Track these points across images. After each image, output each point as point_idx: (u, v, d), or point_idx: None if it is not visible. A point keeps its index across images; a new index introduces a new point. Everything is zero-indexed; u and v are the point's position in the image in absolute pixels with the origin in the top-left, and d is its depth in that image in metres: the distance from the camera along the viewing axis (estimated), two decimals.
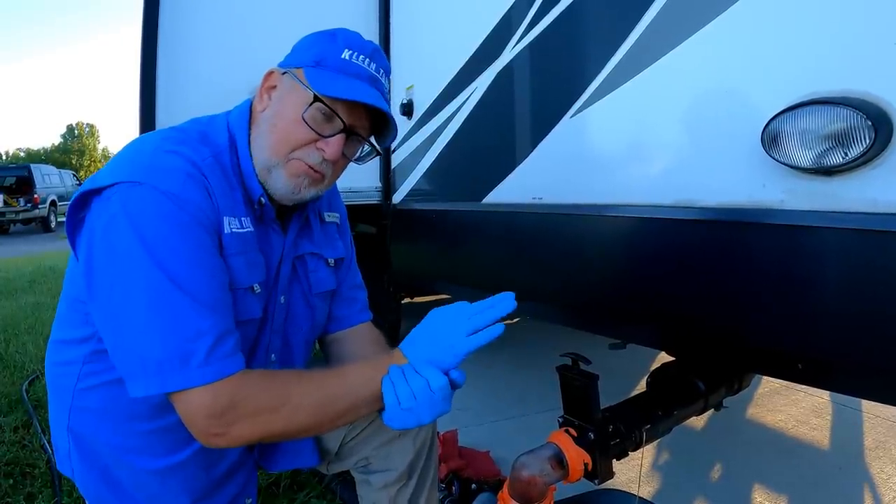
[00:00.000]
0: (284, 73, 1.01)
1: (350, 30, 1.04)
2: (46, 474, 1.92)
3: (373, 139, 1.08)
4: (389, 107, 1.03)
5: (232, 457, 1.09)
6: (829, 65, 1.00)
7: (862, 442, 2.30)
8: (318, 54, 0.99)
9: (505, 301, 0.95)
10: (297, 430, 0.92)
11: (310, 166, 0.99)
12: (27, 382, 2.80)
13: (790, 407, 2.65)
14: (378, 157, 1.17)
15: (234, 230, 0.96)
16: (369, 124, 1.04)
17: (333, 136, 0.98)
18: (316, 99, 0.95)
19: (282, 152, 0.98)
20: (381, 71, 1.02)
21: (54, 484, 1.85)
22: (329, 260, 1.19)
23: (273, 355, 1.10)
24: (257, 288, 1.00)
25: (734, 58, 1.16)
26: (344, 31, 1.02)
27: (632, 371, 2.96)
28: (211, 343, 0.84)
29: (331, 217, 1.23)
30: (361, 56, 0.99)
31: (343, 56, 0.98)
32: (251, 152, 1.01)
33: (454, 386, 0.94)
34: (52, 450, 2.03)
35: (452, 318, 0.96)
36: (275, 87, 1.02)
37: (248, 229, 0.99)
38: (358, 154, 1.08)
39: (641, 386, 2.82)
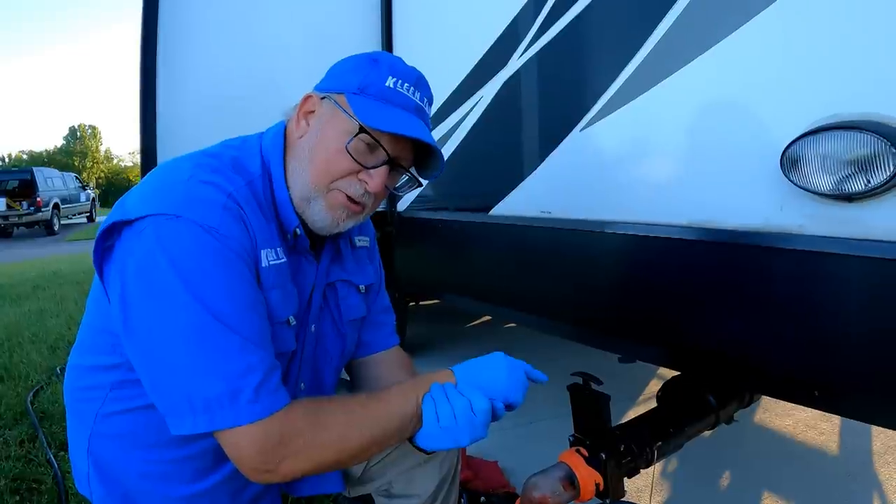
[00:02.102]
0: (324, 97, 0.98)
1: (392, 54, 1.02)
2: (53, 490, 1.91)
3: (413, 170, 1.05)
4: (436, 143, 1.00)
5: (258, 484, 1.08)
6: (853, 87, 0.97)
7: (870, 446, 2.29)
8: (362, 81, 0.95)
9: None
10: (348, 459, 0.91)
11: (350, 198, 0.96)
12: (31, 394, 2.79)
13: (799, 411, 2.63)
14: None
15: (271, 262, 0.93)
16: (412, 154, 1.01)
17: (377, 167, 0.95)
18: (362, 130, 0.92)
19: (322, 183, 0.95)
20: (426, 100, 1.00)
21: (61, 501, 1.84)
22: (360, 286, 1.16)
23: (302, 384, 1.08)
24: (292, 320, 0.98)
25: (754, 74, 1.13)
26: (387, 56, 1.00)
27: (639, 374, 2.94)
28: (260, 379, 0.83)
29: (361, 241, 1.20)
30: (406, 84, 0.96)
31: (387, 84, 0.95)
32: (287, 181, 0.98)
33: (495, 416, 0.95)
34: (58, 464, 2.02)
35: (515, 370, 1.01)
36: (313, 112, 0.99)
37: (283, 260, 0.96)
38: (397, 183, 1.05)
39: (648, 390, 2.81)
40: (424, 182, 1.10)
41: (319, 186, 0.96)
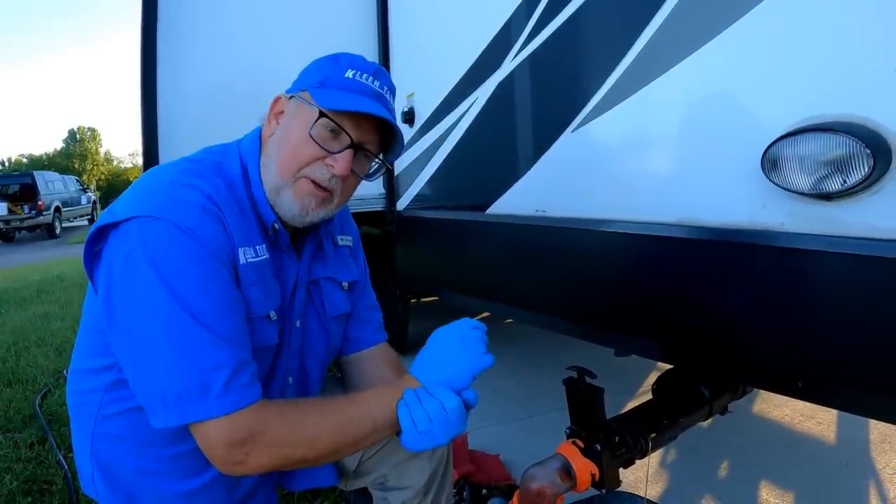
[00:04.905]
0: (291, 97, 1.04)
1: (353, 53, 1.06)
2: (64, 491, 1.94)
3: (382, 155, 1.09)
4: (395, 122, 1.05)
5: (253, 477, 1.11)
6: (830, 90, 1.00)
7: (867, 436, 2.31)
8: (322, 76, 1.01)
9: None
10: (316, 458, 0.94)
11: (317, 184, 1.00)
12: (39, 397, 2.82)
13: (796, 402, 2.64)
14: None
15: (249, 260, 0.97)
16: (378, 139, 1.05)
17: (341, 151, 0.99)
18: (322, 114, 0.97)
19: (290, 171, 1.00)
20: (385, 88, 1.04)
21: (72, 501, 1.88)
22: (343, 283, 1.20)
23: (290, 378, 1.12)
24: (273, 315, 1.02)
25: (738, 77, 1.16)
26: (347, 54, 1.05)
27: (636, 368, 2.97)
28: (229, 374, 0.86)
29: (344, 240, 1.24)
30: (365, 74, 1.01)
31: (346, 75, 1.00)
32: (261, 178, 1.03)
33: (468, 406, 0.97)
34: (68, 465, 2.05)
35: (462, 338, 0.99)
36: (282, 112, 1.05)
37: (264, 257, 1.01)
38: (367, 171, 1.09)
39: (645, 383, 2.84)
40: (391, 166, 1.14)
41: (287, 175, 1.00)
